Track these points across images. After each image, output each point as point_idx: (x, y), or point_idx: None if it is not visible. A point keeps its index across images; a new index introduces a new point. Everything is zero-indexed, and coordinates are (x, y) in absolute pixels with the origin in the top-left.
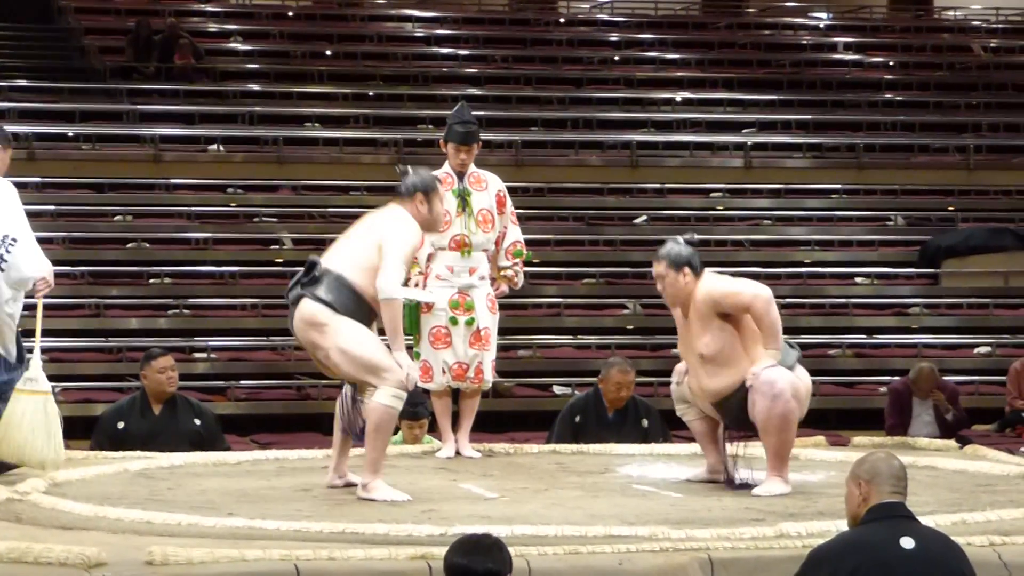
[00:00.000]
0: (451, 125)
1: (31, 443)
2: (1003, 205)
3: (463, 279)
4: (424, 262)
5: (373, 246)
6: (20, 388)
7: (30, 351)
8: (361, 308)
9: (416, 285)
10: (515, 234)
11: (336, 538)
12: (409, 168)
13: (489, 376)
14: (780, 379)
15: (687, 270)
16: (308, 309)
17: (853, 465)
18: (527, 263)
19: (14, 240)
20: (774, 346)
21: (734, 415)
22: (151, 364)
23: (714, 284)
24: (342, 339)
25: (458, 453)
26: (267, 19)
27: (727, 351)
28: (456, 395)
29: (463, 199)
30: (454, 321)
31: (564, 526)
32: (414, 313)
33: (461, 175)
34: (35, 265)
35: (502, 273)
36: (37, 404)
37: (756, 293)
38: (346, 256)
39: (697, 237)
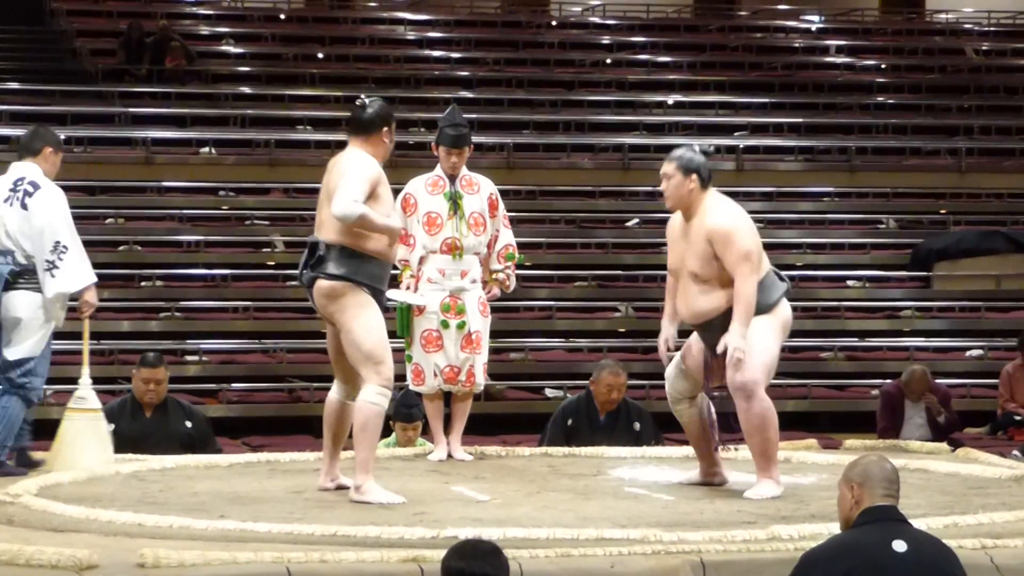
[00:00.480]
0: (442, 128)
1: (83, 459)
2: (995, 208)
3: (454, 282)
4: (416, 265)
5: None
6: (72, 407)
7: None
8: (372, 266)
9: (408, 288)
10: (507, 237)
11: (328, 540)
12: (367, 100)
13: (481, 379)
14: (751, 380)
15: (695, 177)
16: (325, 285)
17: (845, 468)
18: (519, 266)
19: (65, 247)
20: (743, 323)
21: (715, 340)
22: (140, 371)
23: (720, 223)
24: (351, 319)
25: (450, 456)
26: (259, 21)
27: (718, 276)
28: (448, 398)
29: (455, 202)
30: (445, 324)
31: (556, 529)
32: (406, 316)
33: (453, 178)
34: (81, 276)
35: (494, 276)
36: (88, 422)
37: (748, 278)
38: (331, 222)
39: (713, 148)
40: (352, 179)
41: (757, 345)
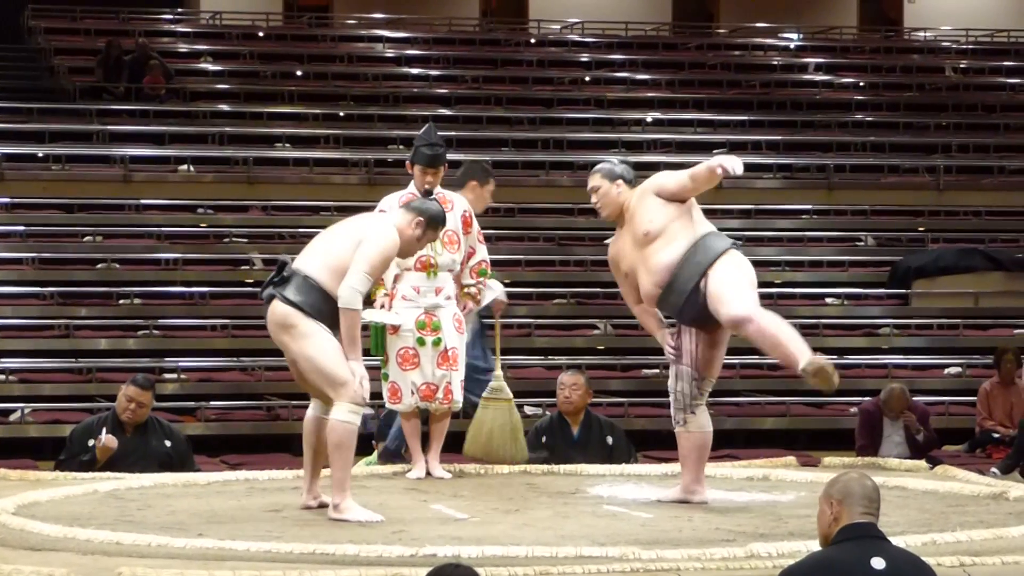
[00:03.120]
0: (418, 147)
1: (497, 443)
2: (973, 226)
3: (429, 299)
4: (390, 283)
5: (351, 248)
6: (487, 397)
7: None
8: (330, 308)
9: (382, 307)
10: (482, 253)
11: (306, 559)
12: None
13: (458, 396)
14: (744, 312)
15: (620, 182)
16: (278, 311)
17: (826, 484)
18: None
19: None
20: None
21: (677, 304)
22: (128, 387)
23: (644, 183)
24: (307, 346)
25: (429, 474)
26: (237, 39)
27: (673, 224)
28: (426, 416)
29: None
30: (421, 342)
31: (535, 547)
32: (381, 335)
33: (427, 196)
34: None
35: (465, 291)
36: (504, 410)
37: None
38: (319, 256)
39: (631, 158)
40: (368, 262)
41: (730, 277)
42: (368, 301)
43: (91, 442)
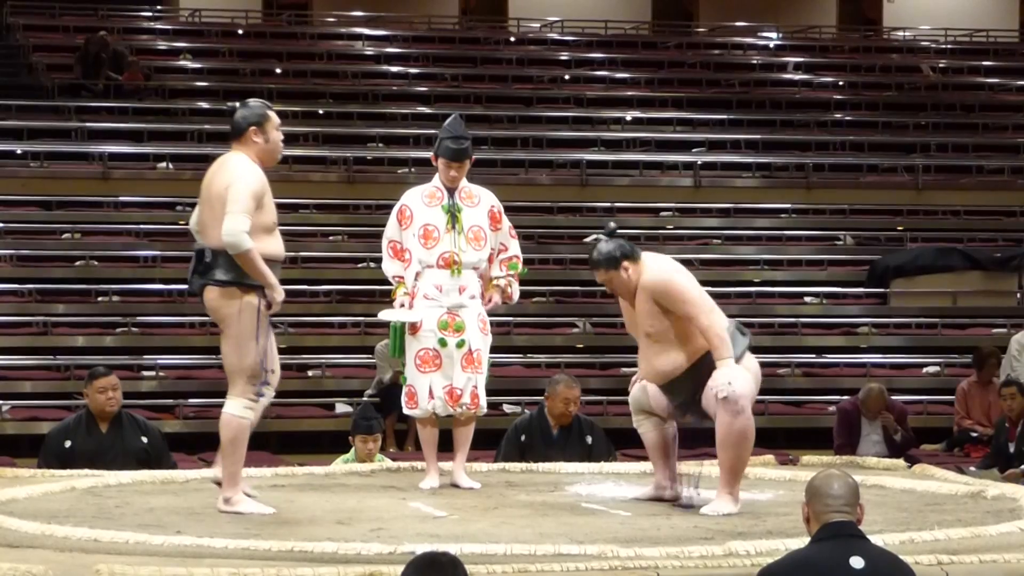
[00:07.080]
0: (442, 140)
1: None
2: (951, 225)
3: (452, 298)
4: (411, 282)
5: (223, 207)
6: None
7: None
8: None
9: (402, 306)
10: (515, 248)
11: (284, 556)
12: (237, 104)
13: (484, 401)
14: (744, 395)
15: (626, 264)
16: (215, 292)
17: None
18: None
19: None
20: (725, 355)
21: (684, 398)
22: (92, 384)
23: (653, 278)
24: (243, 329)
25: (454, 484)
26: (216, 37)
27: (672, 332)
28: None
29: (453, 215)
30: (443, 343)
31: (513, 544)
32: (400, 336)
33: (452, 191)
34: None
35: (494, 283)
36: None
37: (705, 315)
38: (214, 228)
39: (614, 224)
40: (239, 195)
41: (745, 371)
42: (388, 302)
43: (67, 443)
